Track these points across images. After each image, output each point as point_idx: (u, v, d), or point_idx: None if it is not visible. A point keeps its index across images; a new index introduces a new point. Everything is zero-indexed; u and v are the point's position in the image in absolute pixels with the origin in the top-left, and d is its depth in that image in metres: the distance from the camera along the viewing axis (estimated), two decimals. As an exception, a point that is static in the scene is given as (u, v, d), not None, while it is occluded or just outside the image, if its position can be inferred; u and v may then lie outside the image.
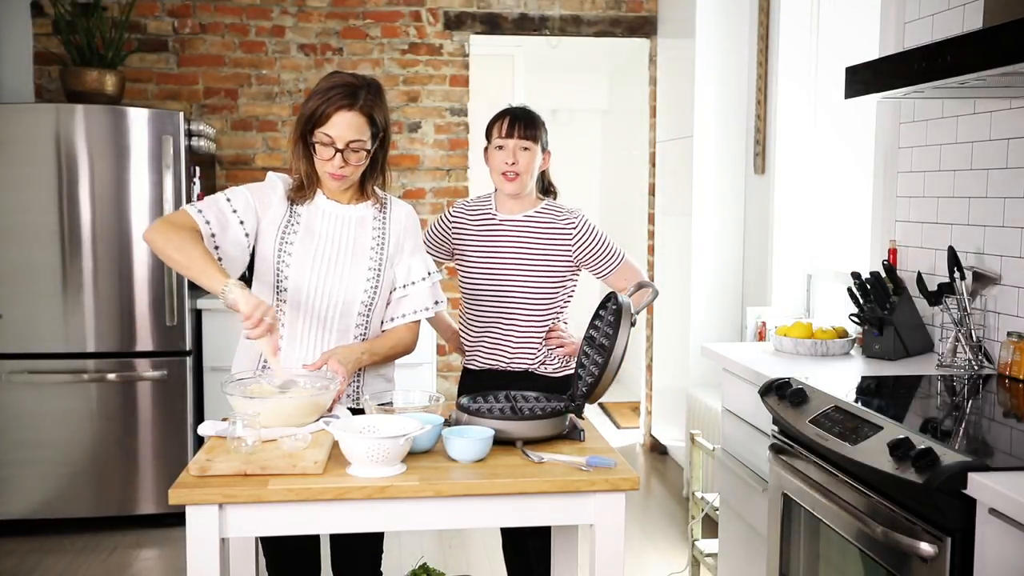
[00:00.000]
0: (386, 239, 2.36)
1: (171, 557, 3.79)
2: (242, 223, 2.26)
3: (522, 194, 2.68)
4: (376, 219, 2.37)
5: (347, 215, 2.34)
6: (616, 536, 1.87)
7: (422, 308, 2.39)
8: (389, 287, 2.37)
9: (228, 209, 2.25)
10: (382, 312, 2.38)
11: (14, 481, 3.98)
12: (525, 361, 2.67)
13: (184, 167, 4.01)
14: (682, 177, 4.71)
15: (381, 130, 2.29)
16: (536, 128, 2.66)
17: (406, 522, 1.85)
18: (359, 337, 2.34)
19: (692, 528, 3.50)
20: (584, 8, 5.12)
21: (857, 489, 2.00)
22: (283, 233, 2.30)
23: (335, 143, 2.21)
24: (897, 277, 2.86)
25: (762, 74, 4.29)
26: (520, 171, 2.62)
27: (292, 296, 2.29)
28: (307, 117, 2.23)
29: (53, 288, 3.96)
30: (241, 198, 2.28)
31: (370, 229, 2.35)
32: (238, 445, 1.87)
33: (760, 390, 2.48)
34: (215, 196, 2.29)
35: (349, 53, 4.97)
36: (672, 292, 4.81)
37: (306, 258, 2.28)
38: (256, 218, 2.29)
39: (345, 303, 2.30)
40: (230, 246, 2.25)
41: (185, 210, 2.23)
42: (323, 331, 2.30)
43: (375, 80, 2.31)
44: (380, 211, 2.38)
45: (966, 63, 1.98)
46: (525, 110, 2.70)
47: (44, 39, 4.74)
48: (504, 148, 2.63)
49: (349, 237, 2.33)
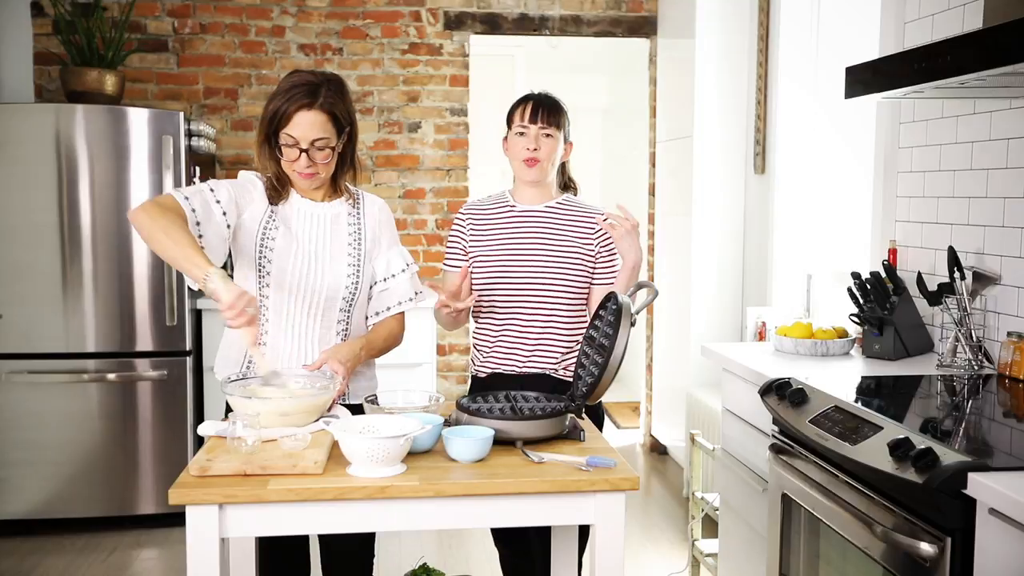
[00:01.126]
0: (362, 234, 2.38)
1: (171, 557, 3.79)
2: (225, 214, 2.24)
3: (543, 182, 2.58)
4: (351, 215, 2.39)
5: (321, 213, 2.36)
6: (616, 536, 1.87)
7: (406, 299, 2.42)
8: (369, 282, 2.39)
9: (212, 199, 2.24)
10: (363, 307, 2.40)
11: (14, 481, 3.98)
12: (542, 363, 2.55)
13: (184, 167, 4.01)
14: (682, 177, 4.71)
15: (346, 125, 2.29)
16: (559, 114, 2.56)
17: (406, 522, 1.85)
18: (341, 332, 2.36)
19: (692, 528, 3.50)
20: (584, 8, 5.12)
21: (857, 489, 2.00)
22: (264, 229, 2.30)
23: (299, 143, 2.21)
24: (897, 277, 2.86)
25: (762, 74, 4.29)
26: (542, 158, 2.53)
27: (275, 293, 2.30)
28: (270, 118, 2.22)
29: (53, 288, 3.96)
30: (224, 191, 2.27)
31: (345, 225, 2.37)
32: (238, 445, 1.87)
33: (760, 390, 2.48)
34: (199, 186, 2.27)
35: (349, 53, 4.97)
36: (672, 292, 4.81)
37: (287, 255, 2.30)
38: (237, 212, 2.28)
39: (328, 299, 2.31)
40: (212, 235, 2.23)
41: (172, 194, 2.19)
42: (307, 327, 2.32)
43: (336, 76, 2.30)
44: (353, 207, 2.40)
45: (966, 63, 1.98)
46: (548, 96, 2.60)
47: (44, 39, 4.74)
48: (526, 134, 2.53)
49: (326, 235, 2.34)
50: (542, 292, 2.54)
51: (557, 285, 2.53)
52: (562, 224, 2.57)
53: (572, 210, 2.60)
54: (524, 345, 2.55)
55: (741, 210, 4.56)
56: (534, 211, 2.59)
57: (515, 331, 2.56)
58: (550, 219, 2.58)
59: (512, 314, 2.56)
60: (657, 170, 5.19)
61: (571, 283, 2.54)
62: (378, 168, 5.03)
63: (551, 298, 2.54)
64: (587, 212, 2.60)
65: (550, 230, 2.57)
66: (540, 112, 2.54)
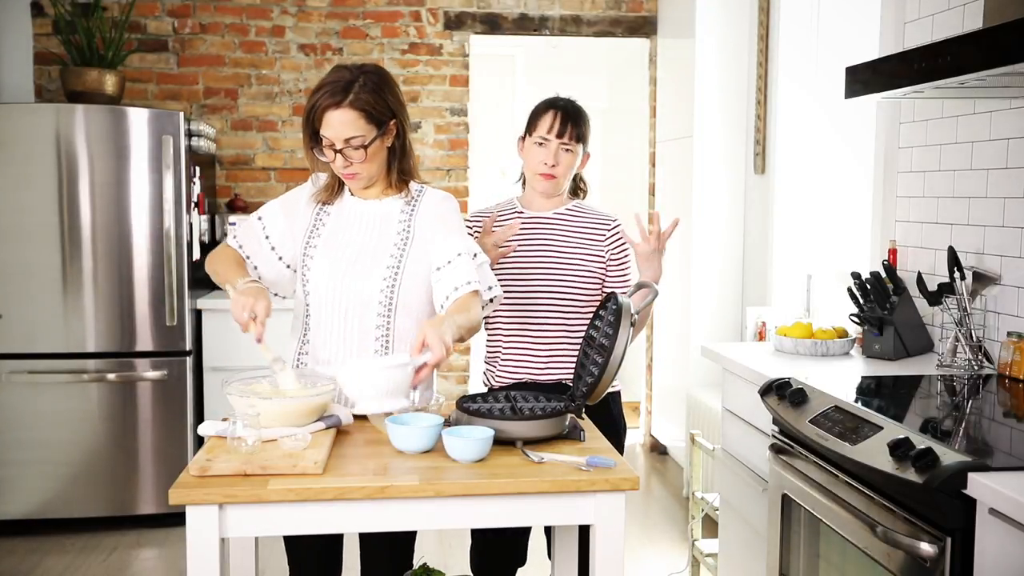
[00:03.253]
0: (411, 233, 2.25)
1: (171, 557, 3.79)
2: (273, 248, 2.30)
3: (555, 194, 2.54)
4: (403, 212, 2.27)
5: (371, 212, 2.28)
6: (616, 536, 1.87)
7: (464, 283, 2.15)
8: (414, 282, 2.24)
9: (262, 236, 2.32)
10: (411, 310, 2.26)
11: (14, 481, 3.98)
12: (558, 372, 2.50)
13: (184, 167, 4.01)
14: (682, 177, 4.71)
15: (387, 119, 2.18)
16: (584, 127, 2.48)
17: (406, 522, 1.84)
18: (381, 339, 2.24)
19: (692, 528, 3.50)
20: (584, 8, 5.12)
21: (857, 489, 2.00)
22: (308, 238, 2.31)
23: (333, 144, 2.16)
24: (897, 277, 2.86)
25: (762, 74, 4.29)
26: (559, 174, 2.47)
27: (314, 299, 2.28)
28: (306, 119, 2.20)
29: (53, 288, 3.96)
30: (278, 220, 2.32)
31: (395, 223, 2.26)
32: (238, 445, 1.86)
33: (760, 390, 2.48)
34: (250, 219, 2.35)
35: (349, 53, 4.97)
36: (672, 292, 4.81)
37: (324, 263, 2.26)
38: (292, 234, 2.32)
39: (361, 304, 2.24)
40: (266, 269, 2.31)
41: (226, 242, 2.36)
42: (343, 334, 2.26)
43: (375, 68, 2.19)
44: (408, 203, 2.29)
45: (966, 63, 1.98)
46: (575, 105, 2.49)
47: (44, 39, 4.74)
48: (545, 146, 2.45)
49: (371, 236, 2.26)
50: (553, 300, 2.49)
51: (567, 293, 2.50)
52: (572, 231, 2.53)
53: (582, 217, 2.55)
54: (538, 355, 2.52)
55: (741, 210, 4.57)
56: (543, 218, 2.54)
57: (527, 341, 2.52)
58: (560, 226, 2.54)
59: (523, 324, 2.52)
60: (657, 170, 5.19)
61: (582, 291, 2.50)
62: (378, 168, 5.03)
63: (562, 306, 2.50)
64: (598, 219, 2.55)
65: (560, 238, 2.52)
66: (569, 126, 2.45)
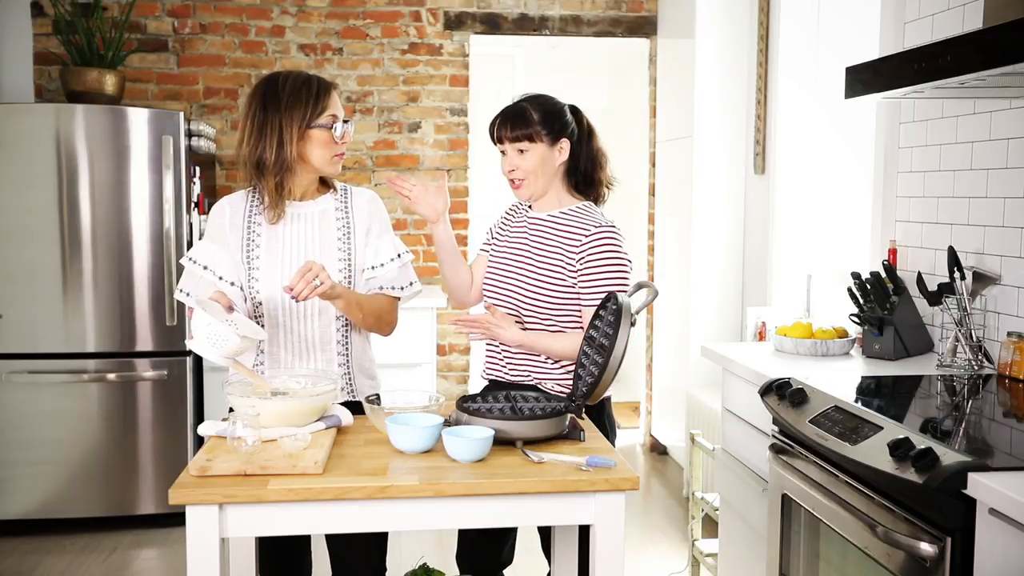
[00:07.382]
0: (351, 227, 2.37)
1: (171, 557, 3.79)
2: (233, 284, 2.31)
3: (537, 197, 2.46)
4: (338, 209, 2.38)
5: (308, 211, 2.36)
6: (616, 536, 1.87)
7: (393, 288, 2.38)
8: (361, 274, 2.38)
9: (214, 279, 2.30)
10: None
11: (14, 481, 3.98)
12: (525, 375, 2.45)
13: (184, 167, 4.01)
14: (682, 177, 4.71)
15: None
16: (527, 124, 2.37)
17: (406, 522, 1.85)
18: (342, 328, 2.35)
19: (692, 528, 3.50)
20: (584, 8, 5.12)
21: (857, 489, 2.00)
22: (247, 255, 2.32)
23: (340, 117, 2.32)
24: (897, 277, 2.86)
25: (762, 74, 4.29)
26: (523, 176, 2.41)
27: (269, 307, 2.31)
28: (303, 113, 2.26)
29: (53, 288, 3.96)
30: (213, 258, 2.32)
31: (333, 220, 2.37)
32: (238, 445, 1.87)
33: (760, 390, 2.48)
34: (191, 271, 2.34)
35: (349, 53, 4.97)
36: (672, 292, 4.81)
37: (274, 271, 2.30)
38: (234, 261, 2.32)
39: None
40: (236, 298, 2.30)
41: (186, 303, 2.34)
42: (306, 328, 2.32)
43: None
44: (340, 200, 2.40)
45: (966, 63, 1.98)
46: (515, 105, 2.42)
47: (44, 39, 4.74)
48: (505, 154, 2.43)
49: (314, 234, 2.34)
50: (519, 302, 2.43)
51: (530, 296, 2.42)
52: (553, 236, 2.43)
53: (568, 222, 2.44)
54: (507, 353, 2.48)
55: (741, 210, 4.57)
56: (538, 219, 2.50)
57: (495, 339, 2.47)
58: (545, 230, 2.46)
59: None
60: (657, 170, 5.19)
61: (546, 297, 2.40)
62: (378, 168, 5.03)
63: (527, 309, 2.42)
64: (579, 226, 2.41)
65: (540, 242, 2.45)
66: (505, 128, 2.40)
